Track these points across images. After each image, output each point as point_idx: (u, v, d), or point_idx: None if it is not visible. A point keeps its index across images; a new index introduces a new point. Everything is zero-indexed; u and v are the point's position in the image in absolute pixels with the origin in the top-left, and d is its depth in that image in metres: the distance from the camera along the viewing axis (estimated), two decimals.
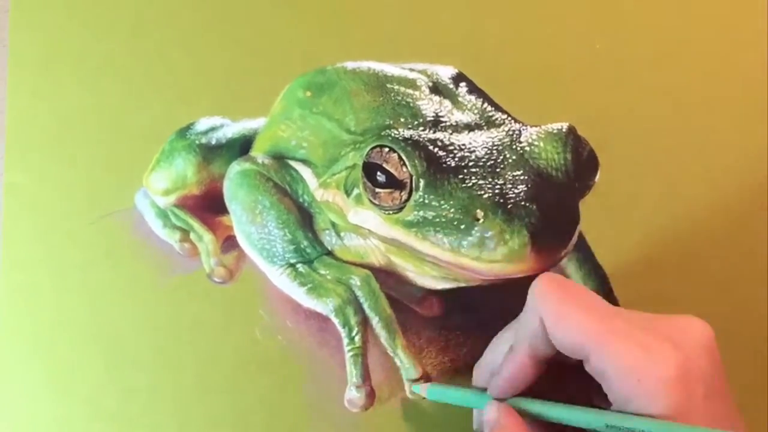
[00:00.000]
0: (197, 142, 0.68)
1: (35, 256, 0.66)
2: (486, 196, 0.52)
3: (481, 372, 0.54)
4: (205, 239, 0.66)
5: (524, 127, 0.57)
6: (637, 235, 0.69)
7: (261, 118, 0.69)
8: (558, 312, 0.46)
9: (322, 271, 0.62)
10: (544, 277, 0.48)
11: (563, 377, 0.49)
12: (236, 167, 0.64)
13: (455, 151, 0.54)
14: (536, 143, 0.55)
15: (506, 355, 0.50)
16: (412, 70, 0.67)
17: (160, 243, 0.67)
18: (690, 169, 0.72)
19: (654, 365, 0.42)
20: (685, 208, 0.70)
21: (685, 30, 0.75)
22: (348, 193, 0.58)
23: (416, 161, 0.53)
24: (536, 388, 0.49)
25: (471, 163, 0.54)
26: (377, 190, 0.54)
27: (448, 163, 0.53)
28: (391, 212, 0.55)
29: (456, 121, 0.60)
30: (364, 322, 0.61)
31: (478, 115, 0.61)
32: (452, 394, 0.56)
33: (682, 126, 0.73)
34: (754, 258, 0.70)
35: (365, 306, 0.61)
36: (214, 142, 0.68)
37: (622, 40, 0.74)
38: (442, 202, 0.52)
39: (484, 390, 0.52)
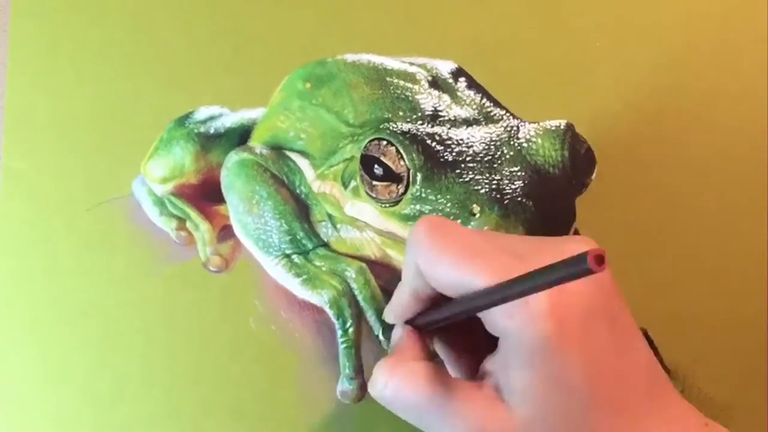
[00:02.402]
0: (196, 130, 0.68)
1: (31, 241, 0.66)
2: (483, 191, 0.52)
3: (387, 310, 0.54)
4: (202, 228, 0.66)
5: (522, 124, 0.58)
6: (634, 233, 0.69)
7: (260, 109, 0.69)
8: (430, 257, 0.45)
9: (318, 263, 0.62)
10: (423, 220, 0.46)
11: None
12: (234, 157, 0.64)
13: (453, 146, 0.54)
14: (534, 140, 0.55)
15: (397, 289, 0.50)
16: (411, 64, 0.67)
17: (157, 231, 0.67)
18: (688, 167, 0.72)
19: (523, 304, 0.41)
20: (682, 207, 0.70)
21: (685, 29, 0.75)
22: (345, 185, 0.58)
23: (414, 155, 0.53)
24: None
25: (468, 158, 0.54)
26: (374, 182, 0.54)
27: (446, 157, 0.54)
28: (387, 205, 0.55)
29: (454, 116, 0.60)
30: (359, 315, 0.61)
31: (476, 111, 0.62)
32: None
33: (681, 124, 0.73)
34: (751, 257, 0.70)
35: (360, 298, 0.61)
36: (212, 131, 0.68)
37: (622, 39, 0.74)
38: (439, 196, 0.53)
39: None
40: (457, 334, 0.51)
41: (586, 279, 0.36)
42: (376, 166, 0.54)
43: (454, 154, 0.54)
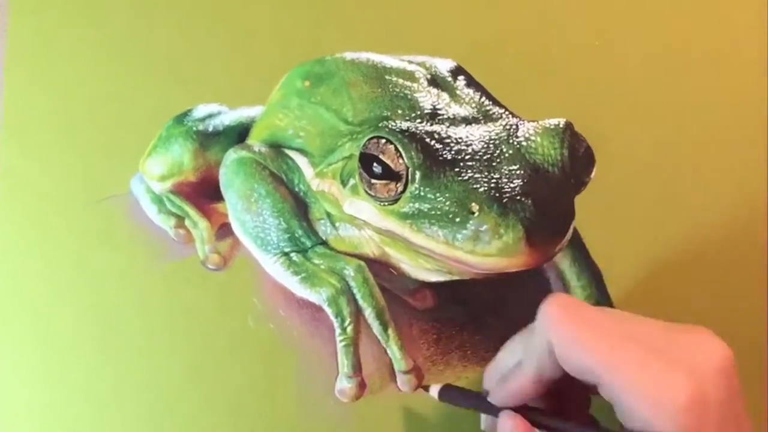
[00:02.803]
0: (194, 128, 0.68)
1: (30, 239, 0.66)
2: (482, 189, 0.52)
3: (490, 376, 0.54)
4: (200, 226, 0.66)
5: (521, 122, 0.57)
6: (633, 231, 0.69)
7: (259, 107, 0.69)
8: (567, 339, 0.45)
9: (316, 261, 0.62)
10: (555, 300, 0.47)
11: (575, 388, 0.49)
12: (233, 155, 0.64)
13: (452, 144, 0.54)
14: (533, 138, 0.55)
15: (514, 369, 0.50)
16: (410, 62, 0.67)
17: (155, 229, 0.67)
18: (687, 165, 0.72)
19: (666, 396, 0.42)
20: (681, 206, 0.70)
21: (683, 27, 0.75)
22: (344, 184, 0.58)
23: (413, 153, 0.53)
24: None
25: (467, 157, 0.54)
26: (373, 181, 0.54)
27: (445, 155, 0.54)
28: (386, 203, 0.55)
29: (453, 114, 0.60)
30: (357, 313, 0.61)
31: (475, 109, 0.62)
32: (466, 399, 0.57)
33: (680, 123, 0.73)
34: (751, 255, 0.70)
35: (358, 296, 0.61)
36: (211, 129, 0.68)
37: (620, 38, 0.74)
38: (438, 194, 0.52)
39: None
40: None
41: (719, 375, 0.42)
42: (374, 164, 0.54)
43: (452, 152, 0.54)
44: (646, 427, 0.43)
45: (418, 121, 0.58)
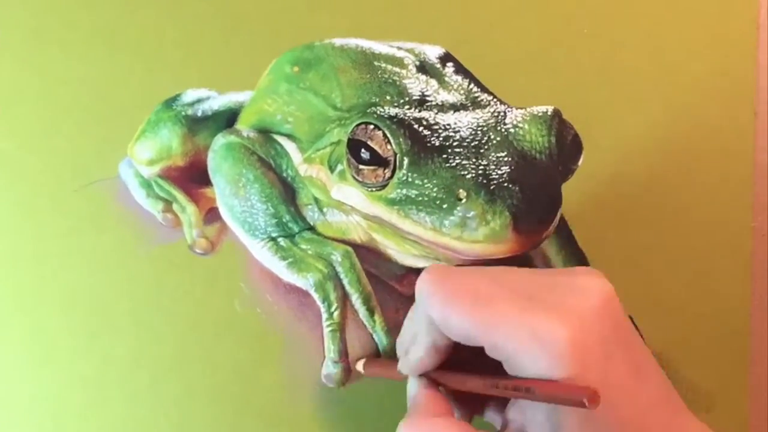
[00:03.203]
0: (183, 113, 0.68)
1: (18, 223, 0.65)
2: (469, 176, 0.52)
3: (398, 347, 0.54)
4: (188, 210, 0.66)
5: (509, 109, 0.58)
6: (619, 219, 0.70)
7: (248, 92, 0.69)
8: (443, 311, 0.46)
9: (304, 246, 0.62)
10: (427, 273, 0.48)
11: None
12: (221, 140, 0.64)
13: (440, 131, 0.54)
14: (521, 125, 0.55)
15: (413, 342, 0.50)
16: (399, 48, 0.67)
17: (143, 213, 0.67)
18: (674, 154, 0.72)
19: (545, 343, 0.42)
20: (668, 194, 0.71)
21: (673, 16, 0.75)
22: (332, 169, 0.58)
23: (401, 139, 0.53)
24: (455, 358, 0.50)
25: (455, 143, 0.54)
26: (361, 166, 0.54)
27: (433, 142, 0.54)
28: (374, 189, 0.55)
29: (442, 101, 0.60)
30: (344, 298, 0.61)
31: (464, 96, 0.62)
32: (380, 371, 0.59)
33: (668, 111, 0.73)
34: (736, 246, 0.71)
35: (345, 282, 0.61)
36: (200, 113, 0.68)
37: (609, 26, 0.74)
38: (425, 180, 0.53)
39: None
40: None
41: (599, 313, 0.43)
42: (362, 150, 0.54)
43: (440, 138, 0.54)
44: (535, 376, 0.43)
45: (407, 107, 0.58)
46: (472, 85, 0.63)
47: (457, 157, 0.53)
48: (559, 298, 0.44)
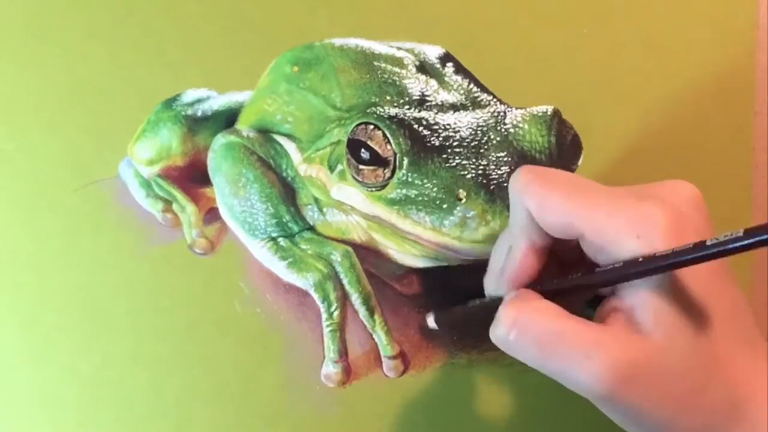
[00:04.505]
0: (183, 113, 0.68)
1: (17, 222, 0.65)
2: (469, 176, 0.52)
3: (488, 280, 0.52)
4: (188, 210, 0.66)
5: (509, 109, 0.58)
6: None
7: (247, 92, 0.69)
8: (541, 199, 0.45)
9: (303, 246, 0.62)
10: (523, 169, 0.47)
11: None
12: (221, 140, 0.64)
13: (440, 131, 0.55)
14: (521, 125, 0.55)
15: (506, 255, 0.49)
16: (399, 48, 0.67)
17: (143, 212, 0.67)
18: (674, 154, 0.72)
19: (646, 220, 0.42)
20: None
21: (672, 16, 0.75)
22: (332, 169, 0.58)
23: (401, 139, 0.53)
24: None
25: (455, 143, 0.54)
26: (361, 166, 0.54)
27: (433, 142, 0.54)
28: (374, 189, 0.55)
29: (441, 101, 0.60)
30: (344, 298, 0.61)
31: (463, 96, 0.62)
32: (462, 312, 0.57)
33: (667, 111, 0.73)
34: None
35: (345, 282, 0.61)
36: (200, 113, 0.68)
37: (609, 26, 0.74)
38: (425, 180, 0.53)
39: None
40: None
41: (692, 205, 0.44)
42: (362, 150, 0.54)
43: (440, 138, 0.54)
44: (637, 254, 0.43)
45: (407, 107, 0.58)
46: (472, 85, 0.63)
47: (457, 157, 0.53)
48: (652, 192, 0.45)
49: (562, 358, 0.43)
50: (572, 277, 0.47)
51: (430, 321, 0.61)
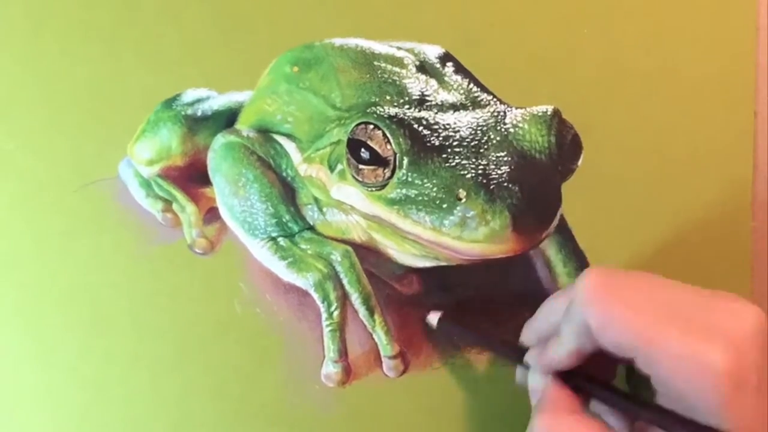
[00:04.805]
0: (183, 113, 0.68)
1: (18, 222, 0.65)
2: (469, 176, 0.52)
3: (529, 333, 0.54)
4: (188, 210, 0.66)
5: (509, 109, 0.58)
6: (619, 218, 0.70)
7: (247, 92, 0.69)
8: (605, 318, 0.46)
9: (303, 246, 0.62)
10: (591, 273, 0.47)
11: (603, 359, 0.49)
12: (221, 139, 0.64)
13: (440, 131, 0.54)
14: (521, 125, 0.55)
15: (554, 338, 0.50)
16: (399, 48, 0.67)
17: (143, 212, 0.67)
18: (674, 154, 0.72)
19: (704, 366, 0.42)
20: (667, 193, 0.71)
21: (673, 16, 0.75)
22: (332, 169, 0.58)
23: (400, 139, 0.53)
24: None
25: (455, 143, 0.54)
26: (361, 166, 0.54)
27: (432, 142, 0.54)
28: (373, 189, 0.55)
29: (441, 101, 0.60)
30: (343, 298, 0.61)
31: (463, 96, 0.62)
32: (473, 335, 0.59)
33: (668, 112, 0.73)
34: (736, 244, 0.71)
35: (345, 281, 0.61)
36: (199, 113, 0.68)
37: (609, 26, 0.74)
38: (425, 180, 0.53)
39: (526, 349, 0.54)
40: None
41: (754, 341, 0.43)
42: (362, 149, 0.54)
43: (440, 138, 0.54)
44: (684, 400, 0.44)
45: (407, 107, 0.58)
46: (471, 85, 0.63)
47: (456, 157, 0.53)
48: (718, 321, 0.44)
49: None
50: (607, 391, 0.49)
51: (433, 319, 0.61)
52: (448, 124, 0.55)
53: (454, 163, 0.53)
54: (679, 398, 0.44)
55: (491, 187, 0.51)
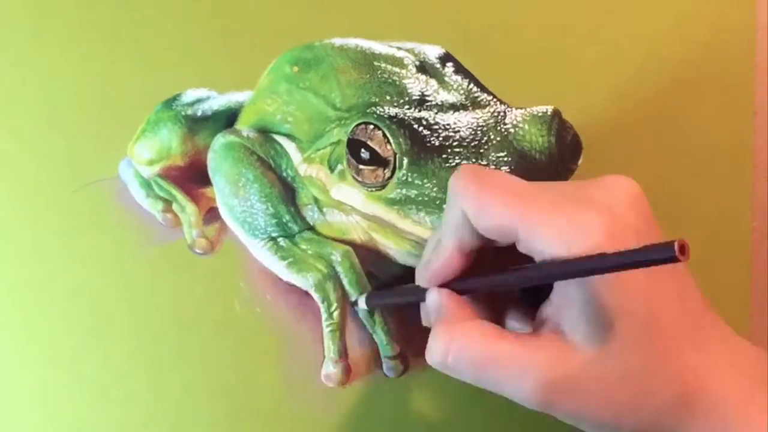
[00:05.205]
0: (183, 113, 0.68)
1: (18, 222, 0.66)
2: None
3: (420, 269, 0.53)
4: (188, 210, 0.66)
5: (509, 109, 0.58)
6: None
7: (247, 92, 0.69)
8: (479, 201, 0.45)
9: (303, 246, 0.62)
10: (463, 169, 0.47)
11: (498, 262, 0.48)
12: (221, 139, 0.64)
13: (440, 131, 0.54)
14: (521, 125, 0.55)
15: (434, 249, 0.50)
16: (399, 48, 0.67)
17: (143, 213, 0.67)
18: (674, 154, 0.72)
19: (580, 230, 0.42)
20: (667, 194, 0.71)
21: (672, 17, 0.75)
22: (332, 169, 0.58)
23: (401, 139, 0.53)
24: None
25: (455, 143, 0.54)
26: (361, 166, 0.55)
27: (432, 142, 0.54)
28: (373, 189, 0.55)
29: (441, 101, 0.60)
30: (344, 298, 0.61)
31: (463, 96, 0.62)
32: (390, 296, 0.59)
33: (667, 111, 0.73)
34: (735, 246, 0.71)
35: (345, 282, 0.61)
36: (200, 113, 0.68)
37: (609, 26, 0.74)
38: (425, 180, 0.53)
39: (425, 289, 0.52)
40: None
41: (629, 205, 0.44)
42: (362, 150, 0.54)
43: (440, 138, 0.54)
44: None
45: (407, 107, 0.58)
46: (472, 85, 0.63)
47: (456, 157, 0.53)
48: (592, 194, 0.45)
49: (497, 379, 0.45)
50: (490, 277, 0.48)
51: (361, 302, 0.61)
52: (448, 125, 0.55)
53: (454, 164, 0.53)
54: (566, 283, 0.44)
55: None
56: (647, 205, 0.46)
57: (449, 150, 0.53)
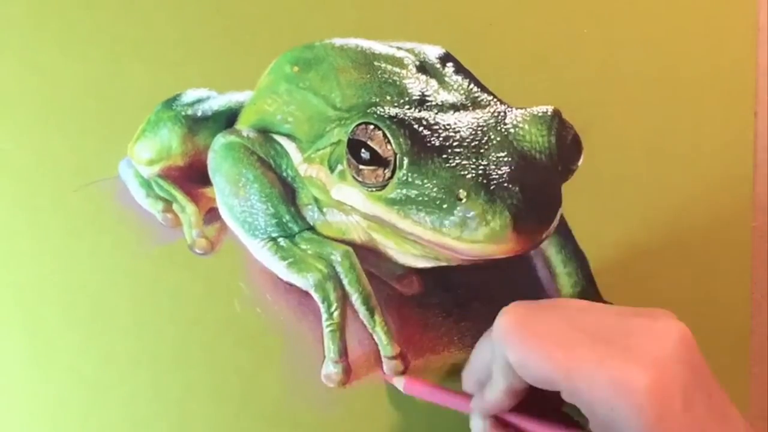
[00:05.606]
0: (183, 113, 0.68)
1: (18, 222, 0.65)
2: (469, 176, 0.52)
3: (467, 378, 0.55)
4: (188, 210, 0.66)
5: (509, 109, 0.58)
6: (619, 219, 0.70)
7: (247, 92, 0.69)
8: (522, 354, 0.46)
9: (303, 246, 0.62)
10: (506, 311, 0.48)
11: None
12: (221, 140, 0.64)
13: (440, 131, 0.54)
14: (521, 125, 0.55)
15: (489, 381, 0.51)
16: (399, 48, 0.67)
17: (143, 213, 0.67)
18: (674, 155, 0.72)
19: (625, 389, 0.42)
20: (668, 194, 0.71)
21: (673, 16, 0.75)
22: (332, 169, 0.58)
23: (401, 139, 0.53)
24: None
25: (455, 143, 0.54)
26: (361, 167, 0.54)
27: (433, 142, 0.54)
28: (374, 189, 0.55)
29: (442, 101, 0.60)
30: (344, 298, 0.61)
31: (464, 96, 0.62)
32: (431, 393, 0.59)
33: (668, 112, 0.73)
34: (736, 244, 0.71)
35: (345, 282, 0.61)
36: (200, 113, 0.68)
37: (609, 26, 0.74)
38: (425, 180, 0.53)
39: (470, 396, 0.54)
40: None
41: (679, 359, 0.43)
42: (363, 150, 0.54)
43: (440, 139, 0.54)
44: (613, 426, 0.43)
45: (407, 107, 0.58)
46: (472, 85, 0.63)
47: (457, 157, 0.53)
48: (638, 342, 0.44)
49: None
50: (534, 421, 0.50)
51: (399, 383, 0.61)
52: (448, 125, 0.55)
53: (454, 164, 0.53)
54: (607, 424, 0.44)
55: (491, 187, 0.51)
56: (697, 352, 0.46)
57: (449, 150, 0.53)
